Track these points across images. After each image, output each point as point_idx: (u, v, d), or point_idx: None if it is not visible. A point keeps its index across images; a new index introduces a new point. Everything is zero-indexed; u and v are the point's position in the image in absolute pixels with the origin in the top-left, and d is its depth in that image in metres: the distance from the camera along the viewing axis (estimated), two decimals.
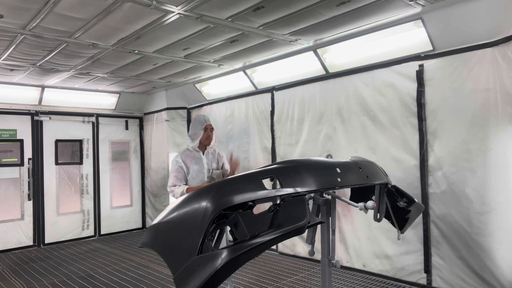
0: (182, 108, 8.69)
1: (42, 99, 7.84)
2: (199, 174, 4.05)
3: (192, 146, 4.13)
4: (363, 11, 4.28)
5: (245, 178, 2.10)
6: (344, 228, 5.57)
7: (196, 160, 4.09)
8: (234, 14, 4.27)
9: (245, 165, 7.15)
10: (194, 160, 4.07)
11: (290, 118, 6.35)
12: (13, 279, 5.72)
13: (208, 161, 4.13)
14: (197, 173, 4.05)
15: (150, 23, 4.48)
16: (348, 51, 5.31)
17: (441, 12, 4.19)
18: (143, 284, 5.30)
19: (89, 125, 8.69)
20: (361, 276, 5.25)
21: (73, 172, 8.45)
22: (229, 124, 7.55)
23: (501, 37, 3.98)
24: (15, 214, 7.68)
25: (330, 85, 5.74)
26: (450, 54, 4.42)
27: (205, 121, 4.12)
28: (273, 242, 1.90)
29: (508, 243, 3.99)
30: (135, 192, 9.40)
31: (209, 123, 4.13)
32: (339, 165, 2.58)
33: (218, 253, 1.70)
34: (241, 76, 6.81)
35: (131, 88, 8.30)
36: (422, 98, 4.67)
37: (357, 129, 5.38)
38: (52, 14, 4.12)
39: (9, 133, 7.64)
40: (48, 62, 5.99)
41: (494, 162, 4.08)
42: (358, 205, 2.96)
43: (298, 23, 4.60)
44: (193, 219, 1.82)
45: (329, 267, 2.91)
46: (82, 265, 6.39)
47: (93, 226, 8.64)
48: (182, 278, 1.70)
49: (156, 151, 9.05)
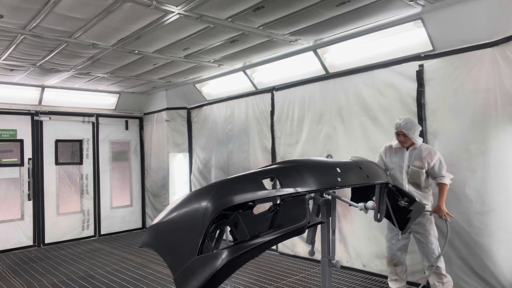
0: (182, 108, 8.68)
1: (42, 99, 7.84)
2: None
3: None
4: (363, 11, 4.28)
5: (245, 178, 2.10)
6: (344, 228, 5.57)
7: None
8: (234, 14, 4.26)
9: (245, 165, 7.15)
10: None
11: (290, 118, 6.35)
12: (13, 279, 5.72)
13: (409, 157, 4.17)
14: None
15: (150, 23, 4.48)
16: (348, 51, 5.31)
17: (441, 12, 4.19)
18: (143, 284, 5.30)
19: (89, 125, 8.69)
20: (361, 276, 5.25)
21: (73, 172, 8.45)
22: (229, 124, 7.54)
23: (501, 37, 3.98)
24: (15, 214, 7.67)
25: (330, 85, 5.74)
26: (450, 54, 4.42)
27: (396, 127, 4.15)
28: (273, 242, 1.90)
29: (508, 243, 4.00)
30: (135, 192, 9.40)
31: (399, 129, 4.10)
32: (339, 165, 2.58)
33: (219, 254, 1.70)
34: (241, 76, 6.81)
35: (131, 88, 8.30)
36: (422, 98, 4.67)
37: (357, 129, 5.38)
38: (52, 14, 4.12)
39: (9, 133, 7.64)
40: (48, 62, 5.99)
41: (494, 162, 4.08)
42: (358, 205, 2.97)
43: (298, 23, 4.60)
44: (193, 219, 1.82)
45: (329, 267, 2.91)
46: (82, 265, 6.39)
47: (93, 226, 8.64)
48: (182, 278, 1.70)
49: (156, 151, 9.05)
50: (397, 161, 4.24)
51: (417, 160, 4.10)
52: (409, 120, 4.10)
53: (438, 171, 4.04)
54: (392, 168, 4.28)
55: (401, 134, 4.11)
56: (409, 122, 4.08)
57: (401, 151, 4.22)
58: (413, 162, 4.12)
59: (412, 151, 4.16)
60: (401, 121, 4.10)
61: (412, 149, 4.16)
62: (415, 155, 4.12)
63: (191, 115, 8.66)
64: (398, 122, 4.11)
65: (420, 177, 4.07)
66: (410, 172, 4.11)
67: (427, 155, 4.06)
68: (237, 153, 7.35)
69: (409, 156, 4.16)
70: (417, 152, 4.12)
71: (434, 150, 4.12)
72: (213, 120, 7.98)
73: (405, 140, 4.13)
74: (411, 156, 4.15)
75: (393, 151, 4.30)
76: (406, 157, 4.17)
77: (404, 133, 4.08)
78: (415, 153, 4.13)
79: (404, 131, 4.06)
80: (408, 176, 4.13)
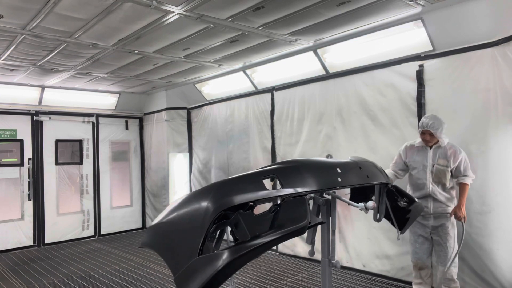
0: (182, 108, 8.68)
1: (42, 99, 7.84)
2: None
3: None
4: (363, 11, 4.28)
5: (245, 178, 2.09)
6: (344, 228, 5.57)
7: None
8: (234, 14, 4.26)
9: (245, 165, 7.15)
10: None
11: (290, 118, 6.35)
12: (13, 279, 5.72)
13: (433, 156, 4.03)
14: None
15: (150, 23, 4.48)
16: (348, 51, 5.31)
17: (441, 12, 4.19)
18: (143, 284, 5.30)
19: (89, 125, 8.69)
20: (361, 276, 5.25)
21: (73, 172, 8.45)
22: (229, 124, 7.54)
23: (501, 37, 3.98)
24: (15, 214, 7.67)
25: (330, 85, 5.74)
26: (450, 54, 4.42)
27: (422, 126, 3.98)
28: (274, 243, 1.90)
29: (508, 243, 4.00)
30: (135, 192, 9.40)
31: (425, 128, 3.93)
32: (339, 165, 2.58)
33: (219, 254, 1.70)
34: (241, 76, 6.81)
35: (131, 88, 8.30)
36: (422, 98, 4.67)
37: (357, 129, 5.38)
38: (52, 14, 4.12)
39: (9, 133, 7.64)
40: (48, 62, 5.98)
41: (494, 162, 4.09)
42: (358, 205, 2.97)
43: (298, 23, 4.60)
44: (194, 219, 1.82)
45: (329, 267, 2.91)
46: (82, 265, 6.39)
47: (93, 226, 8.64)
48: (183, 279, 1.70)
49: (156, 151, 9.05)
50: (420, 160, 4.08)
51: (441, 158, 3.96)
52: (436, 119, 3.91)
53: (463, 170, 3.92)
54: (415, 167, 4.11)
55: (427, 133, 3.95)
56: (436, 121, 3.89)
57: (424, 150, 4.07)
58: (437, 160, 3.97)
59: (436, 149, 4.00)
60: (427, 119, 3.92)
61: (436, 147, 4.01)
62: (439, 154, 3.97)
63: (191, 115, 8.66)
64: (425, 121, 3.92)
65: (445, 176, 3.92)
66: (435, 171, 3.96)
67: (452, 153, 3.92)
68: (237, 153, 7.35)
69: (433, 154, 4.01)
70: (442, 150, 3.97)
71: (459, 149, 3.97)
72: (213, 120, 7.98)
73: (430, 139, 3.98)
74: (435, 154, 4.00)
75: (414, 150, 4.14)
76: (430, 156, 4.01)
77: (430, 132, 3.92)
78: (439, 151, 3.98)
79: (432, 131, 3.89)
80: (433, 175, 3.98)
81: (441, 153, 3.98)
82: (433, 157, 4.01)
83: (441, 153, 3.97)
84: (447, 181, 3.96)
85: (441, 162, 3.95)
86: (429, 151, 4.04)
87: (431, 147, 4.04)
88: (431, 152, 4.04)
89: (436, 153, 4.00)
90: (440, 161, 3.95)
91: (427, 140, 4.00)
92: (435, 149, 4.02)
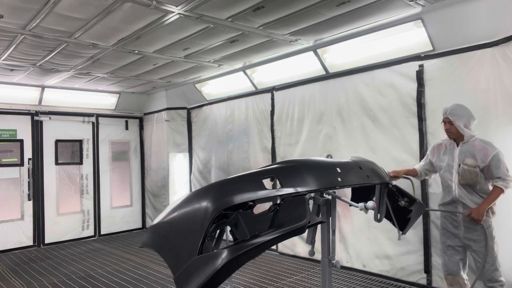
0: (182, 108, 8.68)
1: (42, 99, 7.84)
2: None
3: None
4: (363, 11, 4.28)
5: (245, 178, 2.09)
6: (344, 228, 5.57)
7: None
8: (234, 14, 4.26)
9: (245, 165, 7.15)
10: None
11: (290, 118, 6.35)
12: (13, 279, 5.72)
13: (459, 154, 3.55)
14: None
15: (150, 23, 4.48)
16: (348, 51, 5.31)
17: (441, 12, 4.19)
18: (143, 284, 5.30)
19: (89, 125, 8.69)
20: (361, 276, 5.25)
21: (73, 172, 8.45)
22: (229, 124, 7.54)
23: (501, 37, 3.98)
24: (15, 214, 7.67)
25: (330, 85, 5.74)
26: (450, 54, 4.42)
27: (442, 113, 3.57)
28: (273, 242, 1.90)
29: (508, 243, 3.99)
30: (135, 192, 9.40)
31: (445, 115, 3.52)
32: (339, 165, 2.58)
33: (219, 253, 1.70)
34: (241, 76, 6.81)
35: (131, 88, 8.30)
36: (422, 98, 4.67)
37: (357, 129, 5.38)
38: (52, 14, 4.12)
39: (9, 133, 7.64)
40: (48, 62, 5.99)
41: None
42: (359, 205, 2.96)
43: (298, 23, 4.60)
44: (193, 219, 1.82)
45: (329, 267, 2.91)
46: (82, 265, 6.39)
47: (93, 226, 8.64)
48: (183, 278, 1.70)
49: (156, 151, 9.05)
50: (446, 160, 3.62)
51: (469, 157, 3.46)
52: (460, 107, 3.45)
53: (495, 171, 3.35)
54: (441, 168, 3.67)
55: (447, 121, 3.50)
56: (457, 108, 3.44)
57: (452, 148, 3.60)
58: (464, 160, 3.48)
59: (463, 147, 3.52)
60: (449, 105, 3.52)
61: (463, 144, 3.53)
62: (467, 151, 3.48)
63: (191, 115, 8.66)
64: (446, 107, 3.51)
65: (474, 178, 3.39)
66: (461, 172, 3.46)
67: (479, 150, 3.40)
68: (237, 153, 7.35)
69: (460, 152, 3.53)
70: (470, 148, 3.48)
71: (491, 145, 3.43)
72: (213, 120, 7.98)
73: (451, 129, 3.50)
74: (462, 152, 3.51)
75: (442, 149, 3.70)
76: (456, 154, 3.54)
77: (450, 120, 3.46)
78: (467, 149, 3.49)
79: (450, 118, 3.44)
80: (459, 177, 3.48)
81: (469, 151, 3.48)
82: (460, 155, 3.53)
83: (469, 151, 3.48)
84: (477, 184, 3.44)
85: (469, 161, 3.44)
86: (456, 149, 3.57)
87: (458, 144, 3.59)
88: (457, 149, 3.56)
89: (463, 151, 3.52)
90: (468, 160, 3.45)
91: (447, 130, 3.54)
92: (463, 146, 3.53)
